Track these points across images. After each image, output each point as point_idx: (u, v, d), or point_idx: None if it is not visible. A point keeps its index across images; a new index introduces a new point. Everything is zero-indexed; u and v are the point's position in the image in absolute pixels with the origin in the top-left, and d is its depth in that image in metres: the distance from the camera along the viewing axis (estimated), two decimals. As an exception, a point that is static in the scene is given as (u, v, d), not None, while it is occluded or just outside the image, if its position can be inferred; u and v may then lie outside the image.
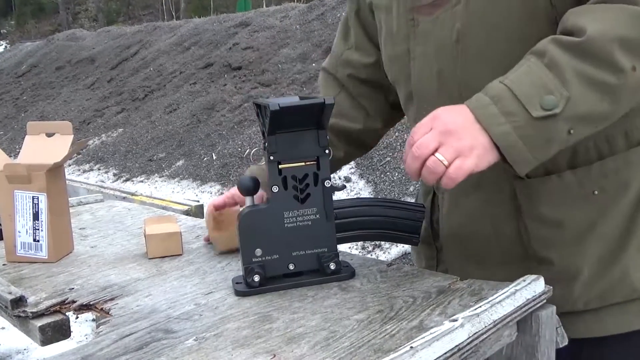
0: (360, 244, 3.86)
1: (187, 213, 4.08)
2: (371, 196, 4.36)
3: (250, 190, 0.94)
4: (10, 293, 0.92)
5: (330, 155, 0.92)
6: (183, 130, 7.04)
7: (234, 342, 0.75)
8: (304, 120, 0.90)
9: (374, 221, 0.98)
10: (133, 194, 5.51)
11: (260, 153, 0.98)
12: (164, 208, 4.19)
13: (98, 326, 0.84)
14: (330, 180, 0.92)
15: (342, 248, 1.02)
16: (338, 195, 0.95)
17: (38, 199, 1.13)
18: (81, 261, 1.14)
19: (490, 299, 0.78)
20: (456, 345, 0.69)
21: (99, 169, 7.00)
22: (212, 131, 6.67)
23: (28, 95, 11.19)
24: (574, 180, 0.91)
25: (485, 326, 0.73)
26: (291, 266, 0.92)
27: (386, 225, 0.98)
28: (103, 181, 6.55)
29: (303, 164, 0.91)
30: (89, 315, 0.92)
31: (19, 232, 1.14)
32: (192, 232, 1.28)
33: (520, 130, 0.78)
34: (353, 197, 1.20)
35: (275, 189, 0.91)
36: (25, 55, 13.75)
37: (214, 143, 6.40)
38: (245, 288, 0.91)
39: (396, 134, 4.96)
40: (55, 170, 1.15)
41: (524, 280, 0.82)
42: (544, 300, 0.82)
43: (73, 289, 0.99)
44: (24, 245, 1.15)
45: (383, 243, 3.81)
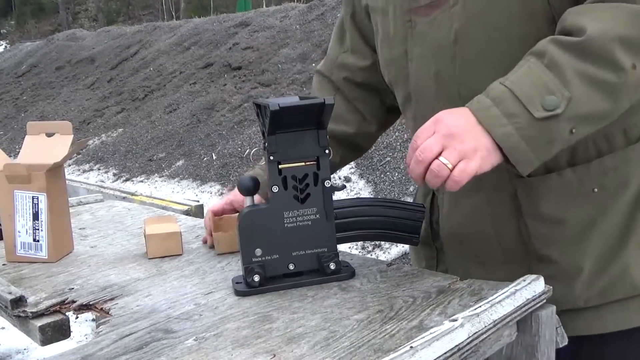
0: (360, 244, 3.86)
1: (187, 213, 4.08)
2: (371, 196, 4.36)
3: (250, 190, 0.94)
4: (10, 293, 0.92)
5: (331, 155, 0.92)
6: (183, 130, 7.04)
7: (234, 342, 0.75)
8: (304, 120, 0.90)
9: (374, 221, 0.98)
10: (133, 194, 5.51)
11: (260, 153, 0.98)
12: (164, 208, 4.19)
13: (98, 326, 0.84)
14: (330, 180, 0.92)
15: (342, 248, 1.02)
16: (338, 195, 0.95)
17: (38, 198, 1.13)
18: (81, 261, 1.14)
19: (490, 298, 0.78)
20: (456, 345, 0.69)
21: (99, 169, 6.99)
22: (212, 131, 6.67)
23: (28, 95, 11.19)
24: (574, 178, 0.91)
25: (485, 326, 0.73)
26: (291, 266, 0.92)
27: (386, 225, 0.98)
28: (103, 181, 6.55)
29: (303, 164, 0.91)
30: (89, 315, 0.92)
31: (19, 232, 1.14)
32: (192, 232, 1.28)
33: (522, 131, 0.78)
34: (353, 197, 1.20)
35: (275, 189, 0.91)
36: (25, 55, 13.74)
37: (214, 143, 6.40)
38: (245, 288, 0.91)
39: (396, 133, 4.96)
40: (55, 170, 1.15)
41: (523, 280, 0.82)
42: (544, 300, 0.82)
43: (73, 288, 0.99)
44: (23, 245, 1.15)
45: (383, 243, 3.81)
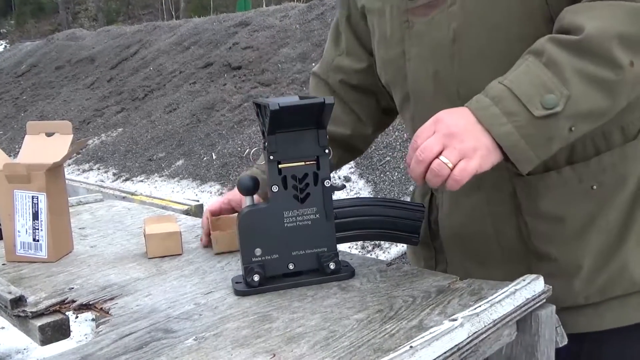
0: (360, 243, 3.86)
1: (187, 213, 4.08)
2: (371, 196, 4.36)
3: (250, 189, 0.94)
4: (10, 293, 0.92)
5: (330, 155, 0.92)
6: (183, 129, 7.04)
7: (234, 342, 0.75)
8: (304, 120, 0.90)
9: (374, 221, 0.98)
10: (133, 194, 5.51)
11: (260, 153, 0.98)
12: (163, 208, 4.20)
13: (98, 326, 0.84)
14: (330, 180, 0.92)
15: (342, 248, 1.02)
16: (338, 195, 0.95)
17: (38, 198, 1.13)
18: (81, 261, 1.14)
19: (489, 298, 0.78)
20: (456, 345, 0.69)
21: (99, 169, 6.99)
22: (212, 131, 6.67)
23: (28, 95, 11.18)
24: (573, 175, 0.92)
25: (485, 326, 0.73)
26: (291, 266, 0.92)
27: (386, 225, 0.98)
28: (103, 181, 6.55)
29: (303, 163, 0.91)
30: (89, 314, 0.92)
31: (19, 232, 1.14)
32: (192, 232, 1.28)
33: (522, 129, 0.79)
34: (353, 197, 1.20)
35: (275, 188, 0.91)
36: (25, 54, 13.74)
37: (213, 143, 6.40)
38: (245, 288, 0.91)
39: (396, 133, 4.96)
40: (54, 170, 1.15)
41: (523, 280, 0.82)
42: (544, 300, 0.82)
43: (73, 288, 0.99)
44: (23, 245, 1.15)
45: (383, 243, 3.81)
